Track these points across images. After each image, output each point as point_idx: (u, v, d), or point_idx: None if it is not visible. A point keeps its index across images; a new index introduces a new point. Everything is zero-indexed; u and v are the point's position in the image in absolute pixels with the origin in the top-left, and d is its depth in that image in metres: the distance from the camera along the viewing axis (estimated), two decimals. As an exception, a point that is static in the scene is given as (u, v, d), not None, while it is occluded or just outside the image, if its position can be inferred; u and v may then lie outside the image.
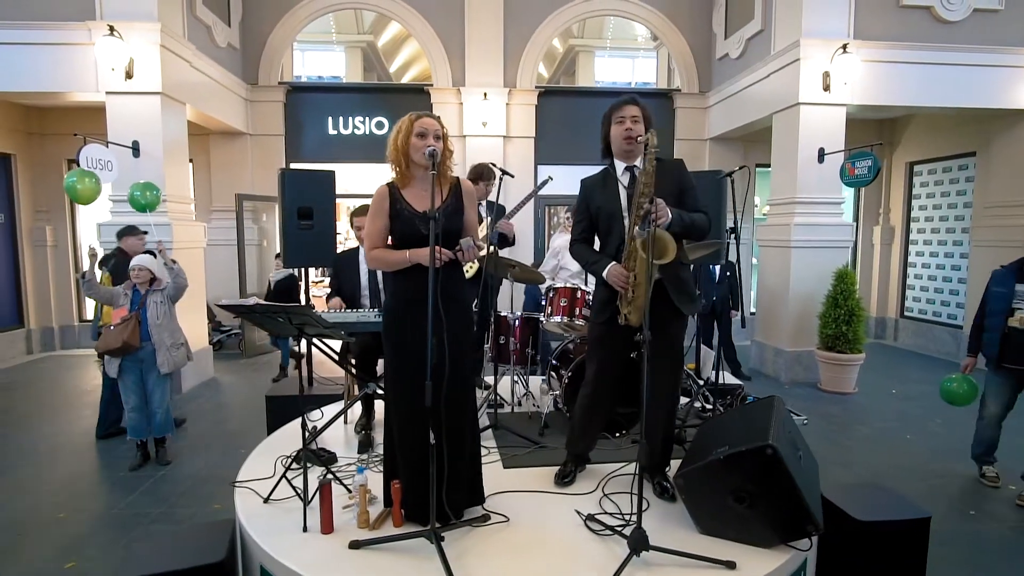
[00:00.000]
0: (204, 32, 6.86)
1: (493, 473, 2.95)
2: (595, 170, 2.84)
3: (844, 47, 6.25)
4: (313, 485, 2.46)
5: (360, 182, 8.64)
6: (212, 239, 8.01)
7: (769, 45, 7.03)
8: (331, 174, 4.16)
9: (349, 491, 2.62)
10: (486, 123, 8.29)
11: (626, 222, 2.60)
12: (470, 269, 4.22)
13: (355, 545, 2.24)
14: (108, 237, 5.79)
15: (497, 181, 3.97)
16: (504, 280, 4.13)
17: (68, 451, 4.61)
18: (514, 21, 8.28)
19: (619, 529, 2.32)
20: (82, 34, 5.71)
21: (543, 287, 4.10)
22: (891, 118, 8.76)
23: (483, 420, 3.56)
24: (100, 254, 4.64)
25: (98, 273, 4.48)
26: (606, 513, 2.51)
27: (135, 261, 4.13)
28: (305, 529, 2.37)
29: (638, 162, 2.67)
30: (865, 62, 6.45)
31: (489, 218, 4.19)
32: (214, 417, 5.38)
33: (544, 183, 4.05)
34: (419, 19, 8.17)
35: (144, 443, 4.28)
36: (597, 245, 2.83)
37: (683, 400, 3.91)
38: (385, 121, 8.47)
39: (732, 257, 6.77)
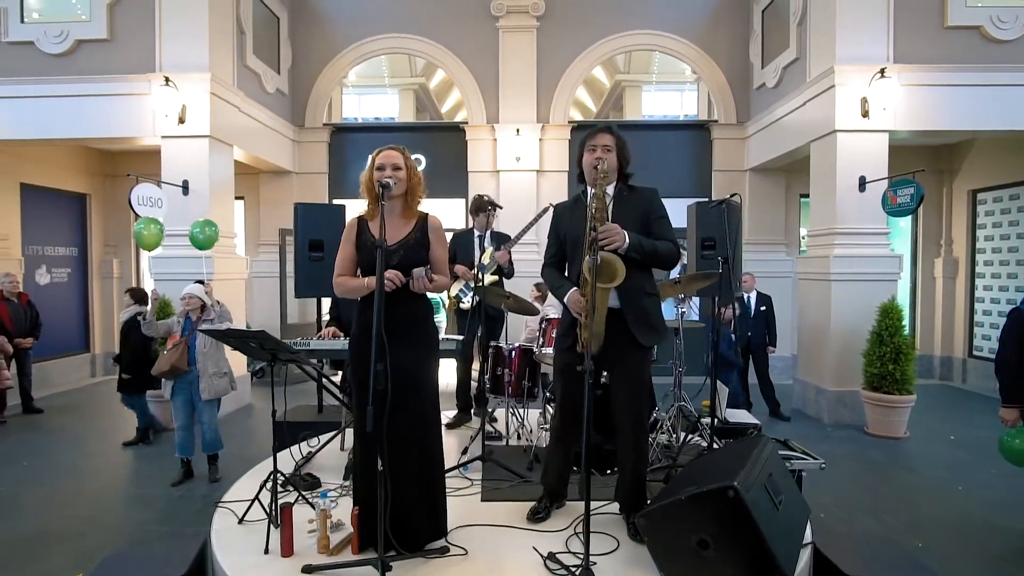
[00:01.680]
0: (254, 79, 7.40)
1: (468, 505, 2.91)
2: None
3: (882, 71, 5.99)
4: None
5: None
6: (260, 271, 8.50)
7: (805, 73, 6.84)
8: (341, 208, 4.34)
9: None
10: (519, 158, 8.43)
11: None
12: (467, 302, 4.27)
13: (307, 570, 2.25)
14: (159, 269, 6.25)
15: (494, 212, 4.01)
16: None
17: (109, 467, 4.91)
18: (547, 59, 8.46)
19: (575, 571, 2.21)
20: (143, 85, 6.29)
21: (537, 318, 4.07)
22: (948, 144, 8.26)
23: (475, 451, 3.53)
24: (157, 296, 4.97)
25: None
26: (569, 552, 2.41)
27: (186, 290, 4.45)
28: (267, 551, 2.40)
29: (609, 189, 2.66)
30: (907, 86, 6.15)
31: (491, 248, 4.23)
32: (241, 440, 5.59)
33: (543, 213, 4.05)
34: (454, 59, 8.50)
35: (188, 461, 4.51)
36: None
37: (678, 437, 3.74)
38: (422, 158, 8.77)
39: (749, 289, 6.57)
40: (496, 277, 4.18)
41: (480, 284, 3.52)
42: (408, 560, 2.28)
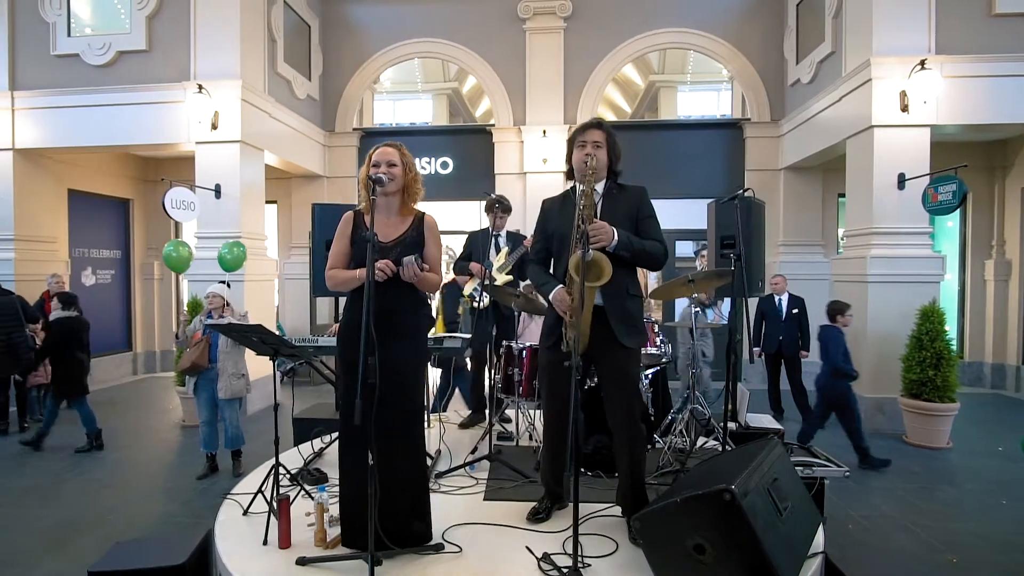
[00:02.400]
0: (285, 86, 7.60)
1: (470, 504, 2.88)
2: (661, 204, 2.84)
3: (922, 63, 5.71)
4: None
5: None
6: (292, 273, 8.70)
7: (840, 67, 6.59)
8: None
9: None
10: (546, 160, 8.39)
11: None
12: (481, 302, 4.24)
13: (301, 562, 2.27)
14: (193, 271, 6.44)
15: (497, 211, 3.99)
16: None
17: (141, 459, 5.09)
18: (574, 59, 8.41)
19: (565, 572, 2.16)
20: (179, 93, 6.53)
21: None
22: (1000, 139, 7.81)
23: (483, 450, 3.51)
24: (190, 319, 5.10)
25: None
26: (565, 554, 2.35)
27: (210, 289, 4.61)
28: (265, 542, 2.43)
29: (598, 186, 2.61)
30: (950, 78, 5.84)
31: (507, 248, 4.20)
32: (265, 439, 5.70)
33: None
34: (480, 62, 8.53)
35: (213, 455, 4.63)
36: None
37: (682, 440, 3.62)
38: (449, 161, 8.84)
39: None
40: (511, 277, 4.15)
41: (489, 283, 3.49)
42: (400, 556, 2.27)
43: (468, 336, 3.35)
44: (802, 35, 7.68)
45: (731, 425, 4.04)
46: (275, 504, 2.47)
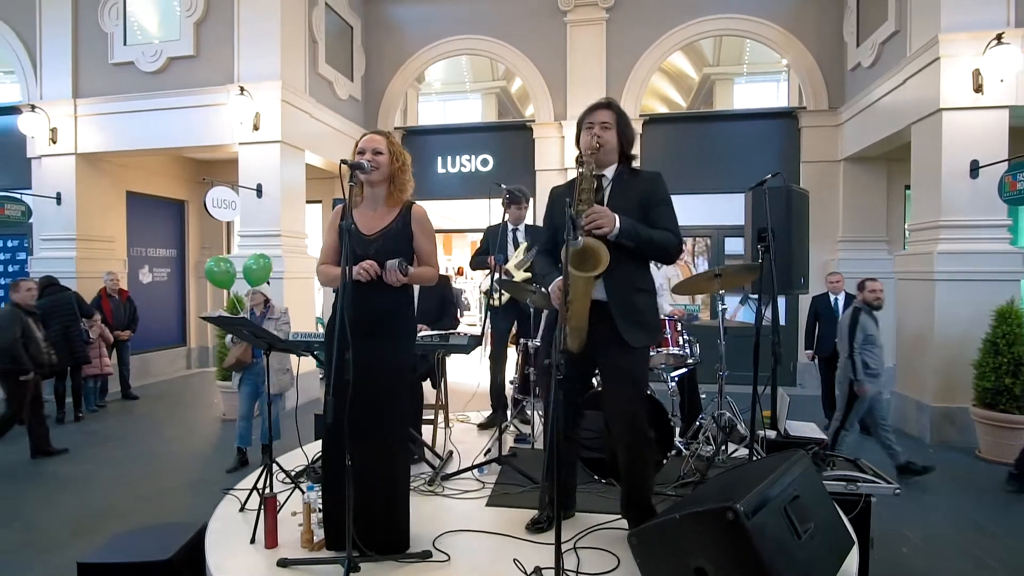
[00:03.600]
0: (326, 86, 7.72)
1: (471, 509, 2.74)
2: (710, 199, 2.64)
3: (999, 37, 5.14)
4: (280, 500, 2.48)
5: (465, 216, 8.98)
6: (334, 271, 8.83)
7: (905, 47, 6.04)
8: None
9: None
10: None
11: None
12: (500, 298, 4.10)
13: (283, 563, 2.19)
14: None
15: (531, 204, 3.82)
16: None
17: (181, 452, 5.26)
18: (617, 51, 8.14)
19: (552, 587, 1.98)
20: (223, 96, 6.73)
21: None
22: (1097, 121, 6.97)
23: (496, 452, 3.36)
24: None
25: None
26: (563, 569, 2.17)
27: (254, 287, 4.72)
28: (253, 541, 2.38)
29: (607, 171, 2.41)
30: (1033, 53, 5.24)
31: (525, 243, 4.04)
32: (304, 432, 5.77)
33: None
34: (520, 56, 8.40)
35: (244, 450, 4.72)
36: None
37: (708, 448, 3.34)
38: (490, 158, 8.75)
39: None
40: (528, 274, 3.98)
41: (503, 279, 3.34)
42: (382, 562, 2.15)
43: (473, 333, 3.21)
44: (863, 15, 7.12)
45: (770, 433, 3.73)
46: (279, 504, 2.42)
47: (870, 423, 4.59)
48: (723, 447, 3.19)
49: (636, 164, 2.59)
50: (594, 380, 2.78)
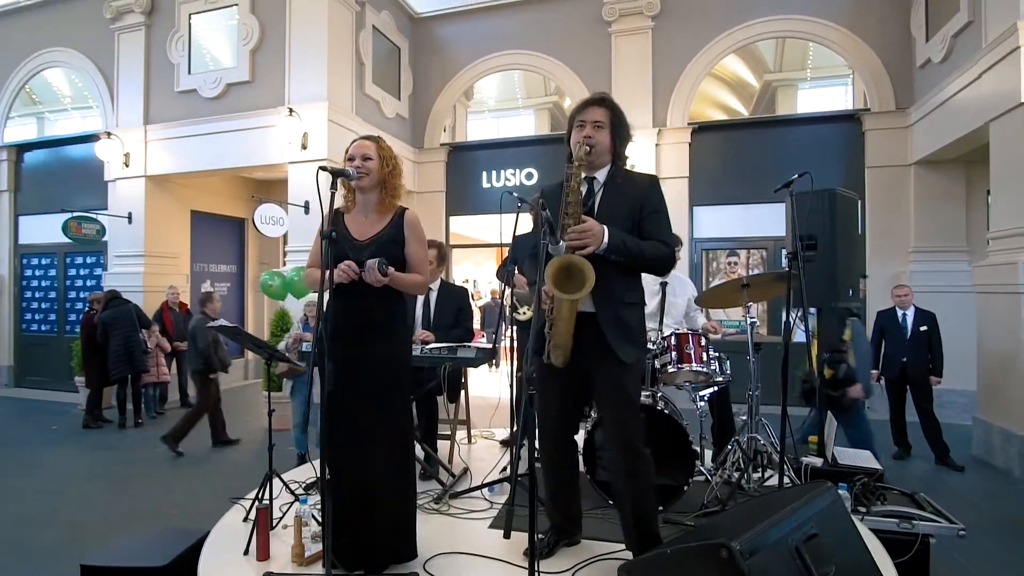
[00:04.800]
0: (373, 106, 7.92)
1: (473, 530, 2.61)
2: (766, 209, 2.51)
3: (1090, 21, 4.60)
4: (279, 512, 2.46)
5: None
6: (382, 286, 8.99)
7: (980, 38, 5.52)
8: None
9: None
10: (634, 165, 7.82)
11: None
12: (525, 312, 3.98)
13: (267, 578, 2.15)
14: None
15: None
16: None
17: (228, 458, 5.44)
18: (664, 59, 7.92)
19: (536, 621, 1.82)
20: (275, 118, 7.03)
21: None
22: None
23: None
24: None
25: None
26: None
27: (307, 297, 4.91)
28: (246, 552, 2.35)
29: (599, 174, 2.26)
30: None
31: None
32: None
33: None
34: (564, 69, 8.34)
35: (303, 454, 4.80)
36: None
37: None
38: (534, 172, 8.69)
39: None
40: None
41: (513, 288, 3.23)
42: (364, 582, 2.07)
43: (485, 345, 3.10)
44: (932, 7, 6.59)
45: (816, 461, 3.40)
46: (278, 517, 2.40)
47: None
48: (746, 474, 2.91)
49: (630, 165, 2.43)
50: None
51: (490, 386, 6.26)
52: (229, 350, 5.94)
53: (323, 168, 2.13)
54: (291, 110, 6.76)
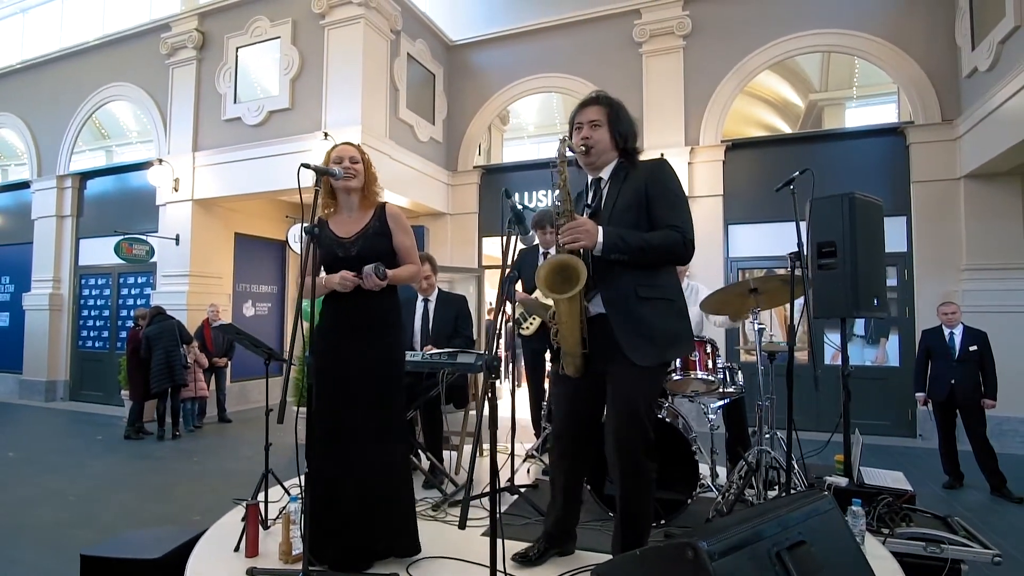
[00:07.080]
0: (407, 130, 8.16)
1: (464, 537, 2.54)
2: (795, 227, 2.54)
3: None
4: (275, 510, 2.49)
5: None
6: (415, 306, 9.12)
7: (1028, 42, 5.26)
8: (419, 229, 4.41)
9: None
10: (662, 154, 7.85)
11: None
12: (530, 326, 3.96)
13: (250, 573, 2.15)
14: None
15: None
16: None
17: (253, 468, 5.48)
18: (695, 78, 7.88)
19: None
20: (311, 143, 7.32)
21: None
22: None
23: (518, 481, 3.17)
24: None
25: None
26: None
27: None
28: (237, 549, 2.37)
29: (604, 172, 2.23)
30: None
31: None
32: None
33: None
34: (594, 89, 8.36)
35: None
36: None
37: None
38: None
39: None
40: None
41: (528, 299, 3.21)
42: (343, 580, 2.05)
43: (482, 353, 3.08)
44: (977, 15, 6.33)
45: (840, 480, 3.19)
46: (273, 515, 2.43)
47: None
48: (749, 487, 2.75)
49: (642, 156, 2.33)
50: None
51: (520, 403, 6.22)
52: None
53: (306, 165, 2.20)
54: (326, 134, 7.03)
